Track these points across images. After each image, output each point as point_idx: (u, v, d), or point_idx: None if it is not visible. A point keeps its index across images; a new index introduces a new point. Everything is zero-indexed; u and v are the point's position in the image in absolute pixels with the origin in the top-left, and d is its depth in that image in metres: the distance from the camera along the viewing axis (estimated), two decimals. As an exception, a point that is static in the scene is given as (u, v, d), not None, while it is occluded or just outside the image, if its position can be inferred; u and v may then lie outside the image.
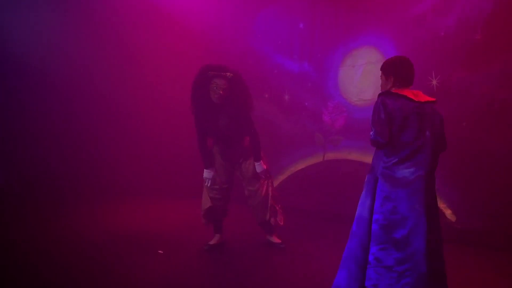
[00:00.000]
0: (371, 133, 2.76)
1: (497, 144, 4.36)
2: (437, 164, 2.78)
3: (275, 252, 4.21)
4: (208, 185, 4.20)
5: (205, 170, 4.20)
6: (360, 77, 5.44)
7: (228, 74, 3.91)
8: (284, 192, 6.30)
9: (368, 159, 5.31)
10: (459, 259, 4.00)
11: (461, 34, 4.55)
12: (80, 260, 3.83)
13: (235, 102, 4.00)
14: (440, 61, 4.70)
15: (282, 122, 6.29)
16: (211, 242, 4.31)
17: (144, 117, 7.16)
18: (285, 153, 6.31)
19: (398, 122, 2.68)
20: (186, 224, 5.13)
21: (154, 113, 6.87)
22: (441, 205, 4.69)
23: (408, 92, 2.77)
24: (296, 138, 6.18)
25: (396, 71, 2.87)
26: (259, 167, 4.20)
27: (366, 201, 2.84)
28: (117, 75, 7.28)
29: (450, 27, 4.62)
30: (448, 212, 4.66)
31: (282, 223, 4.34)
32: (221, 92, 3.87)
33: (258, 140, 4.21)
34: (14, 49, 6.72)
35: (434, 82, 4.73)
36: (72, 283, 3.31)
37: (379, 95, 2.82)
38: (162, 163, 6.92)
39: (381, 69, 2.98)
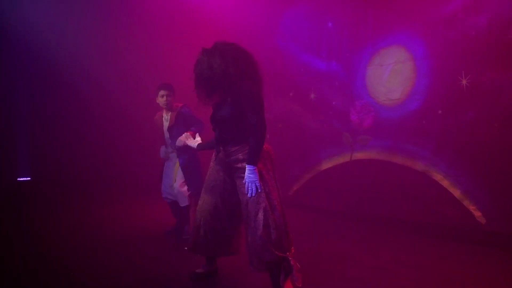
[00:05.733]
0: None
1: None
2: None
3: (304, 254, 4.17)
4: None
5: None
6: (388, 76, 5.40)
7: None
8: (311, 192, 6.33)
9: (396, 159, 5.30)
10: (491, 263, 3.93)
11: (493, 33, 4.44)
12: (107, 254, 4.00)
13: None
14: (471, 61, 4.60)
15: (309, 121, 6.31)
16: (198, 270, 3.46)
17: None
18: (312, 152, 6.33)
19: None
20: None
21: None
22: (471, 207, 4.63)
23: None
24: (323, 137, 6.19)
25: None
26: (248, 174, 2.86)
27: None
28: (145, 76, 7.45)
29: (481, 26, 4.52)
30: (478, 215, 4.58)
31: (299, 285, 2.93)
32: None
33: (258, 135, 2.85)
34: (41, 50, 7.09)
35: (464, 82, 4.65)
36: (98, 276, 3.42)
37: (185, 105, 4.63)
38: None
39: (172, 91, 4.62)
